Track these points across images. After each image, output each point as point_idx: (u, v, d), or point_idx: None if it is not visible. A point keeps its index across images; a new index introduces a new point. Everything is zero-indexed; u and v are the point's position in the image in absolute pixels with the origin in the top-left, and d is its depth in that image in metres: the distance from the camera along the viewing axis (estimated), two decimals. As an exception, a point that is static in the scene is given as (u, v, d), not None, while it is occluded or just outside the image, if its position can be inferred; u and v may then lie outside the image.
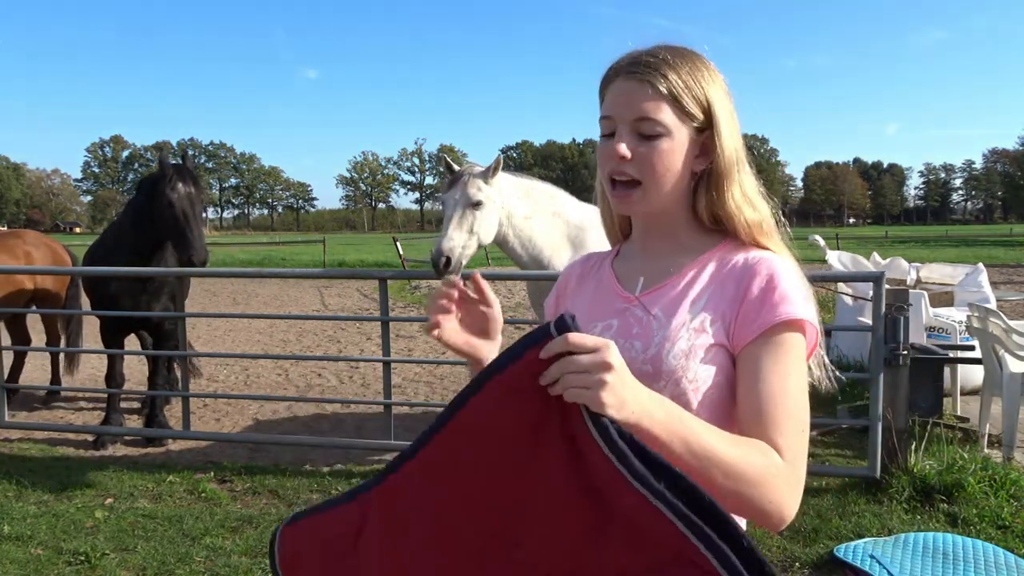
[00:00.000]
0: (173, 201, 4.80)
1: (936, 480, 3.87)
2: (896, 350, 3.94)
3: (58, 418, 6.00)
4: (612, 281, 1.21)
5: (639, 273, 1.18)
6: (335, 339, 10.00)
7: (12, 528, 3.66)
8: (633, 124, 1.08)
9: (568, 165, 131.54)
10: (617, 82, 1.10)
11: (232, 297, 16.08)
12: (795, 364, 1.03)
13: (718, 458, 0.89)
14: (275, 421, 5.91)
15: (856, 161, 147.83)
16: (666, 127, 1.08)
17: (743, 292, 1.07)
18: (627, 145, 1.08)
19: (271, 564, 1.06)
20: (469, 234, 3.99)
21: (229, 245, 41.48)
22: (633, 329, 1.11)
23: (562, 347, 0.84)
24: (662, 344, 1.07)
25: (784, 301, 1.04)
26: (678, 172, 1.11)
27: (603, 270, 1.25)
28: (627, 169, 1.09)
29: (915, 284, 7.38)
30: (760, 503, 0.92)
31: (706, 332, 1.06)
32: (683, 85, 1.08)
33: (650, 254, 1.18)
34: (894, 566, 3.14)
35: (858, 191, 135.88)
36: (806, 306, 1.05)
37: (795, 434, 0.98)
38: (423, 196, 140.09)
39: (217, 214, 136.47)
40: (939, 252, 29.04)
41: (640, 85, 1.08)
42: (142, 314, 5.19)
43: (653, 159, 1.08)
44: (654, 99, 1.07)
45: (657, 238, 1.18)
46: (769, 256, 1.11)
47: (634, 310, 1.14)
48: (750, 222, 1.13)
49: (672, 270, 1.14)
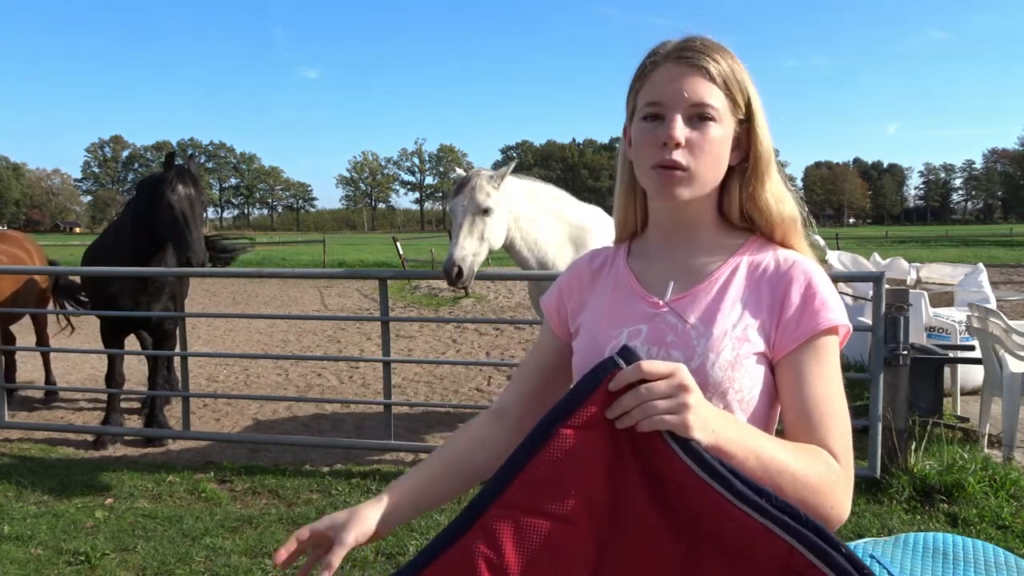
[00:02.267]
0: (173, 203, 4.79)
1: (936, 480, 3.87)
2: (896, 350, 3.94)
3: (58, 418, 6.00)
4: (633, 282, 1.16)
5: (665, 275, 1.13)
6: (335, 339, 10.00)
7: (12, 528, 3.66)
8: (689, 109, 1.04)
9: (568, 165, 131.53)
10: (666, 67, 1.06)
11: (232, 297, 16.08)
12: (835, 367, 1.04)
13: (787, 469, 0.91)
14: (275, 421, 5.91)
15: (856, 161, 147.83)
16: (719, 113, 1.05)
17: (781, 298, 1.05)
18: (683, 132, 1.04)
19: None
20: (480, 241, 3.95)
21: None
22: (667, 337, 1.07)
23: (635, 376, 0.83)
24: (706, 355, 1.03)
25: (825, 308, 1.04)
26: (724, 161, 1.09)
27: (617, 269, 1.20)
28: (677, 156, 1.04)
29: (915, 284, 7.39)
30: (823, 509, 0.94)
31: (749, 341, 1.04)
32: (731, 74, 1.07)
33: (672, 252, 1.14)
34: (894, 566, 3.14)
35: (858, 191, 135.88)
36: (842, 309, 1.06)
37: (844, 436, 1.00)
38: (423, 196, 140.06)
39: (217, 214, 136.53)
40: (939, 252, 29.04)
41: (695, 70, 1.05)
42: (142, 314, 5.19)
43: (705, 145, 1.04)
44: (709, 87, 1.05)
45: (680, 234, 1.14)
46: (800, 259, 1.09)
47: (666, 316, 1.09)
48: (785, 218, 1.11)
49: (702, 272, 1.11)
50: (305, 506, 4.01)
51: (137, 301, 5.18)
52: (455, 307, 13.62)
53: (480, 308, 13.41)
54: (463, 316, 12.64)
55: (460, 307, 13.55)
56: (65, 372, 7.62)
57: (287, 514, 3.89)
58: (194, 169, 5.07)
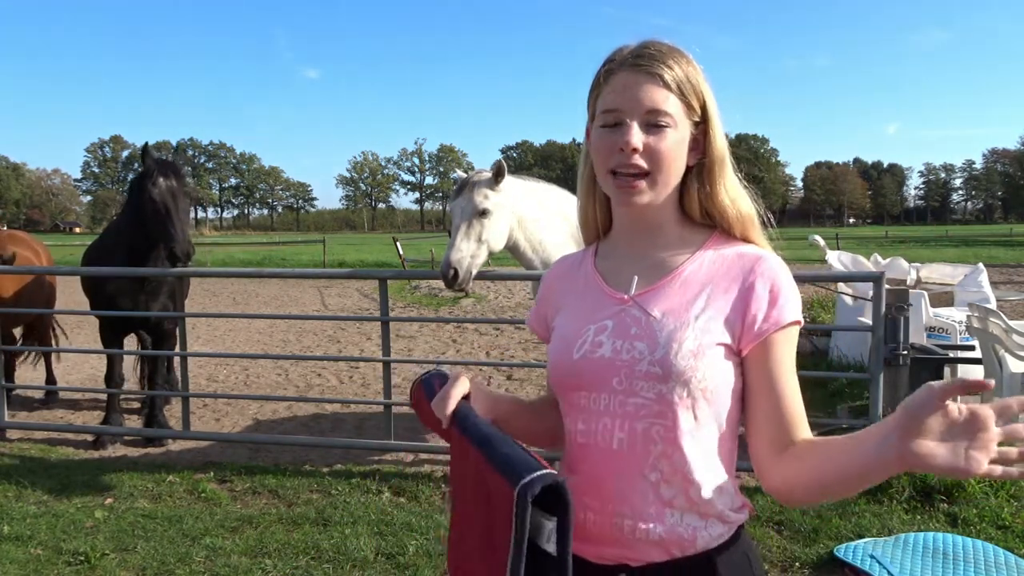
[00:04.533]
0: (154, 195, 4.79)
1: (936, 480, 3.87)
2: (896, 350, 3.94)
3: (58, 418, 6.00)
4: (599, 281, 1.20)
5: (630, 272, 1.17)
6: (335, 339, 10.00)
7: (12, 528, 3.66)
8: (644, 116, 1.08)
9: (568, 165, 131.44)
10: (621, 75, 1.10)
11: (232, 297, 16.08)
12: (793, 361, 1.10)
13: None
14: (275, 421, 5.91)
15: (856, 161, 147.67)
16: (674, 119, 1.09)
17: (747, 294, 1.09)
18: (640, 138, 1.08)
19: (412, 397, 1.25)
20: (478, 243, 3.94)
21: (229, 245, 41.46)
22: (631, 330, 1.11)
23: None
24: (669, 345, 1.07)
25: (788, 304, 1.09)
26: (680, 164, 1.12)
27: (584, 270, 1.24)
28: (637, 161, 1.08)
29: (915, 284, 7.38)
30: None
31: (711, 332, 1.08)
32: (686, 79, 1.10)
33: (637, 251, 1.18)
34: (894, 566, 3.14)
35: (858, 191, 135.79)
36: (799, 304, 1.12)
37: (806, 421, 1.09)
38: (423, 196, 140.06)
39: (217, 214, 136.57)
40: (939, 252, 29.04)
41: (650, 77, 1.08)
42: (141, 314, 5.19)
43: (663, 150, 1.08)
44: (664, 91, 1.08)
45: (644, 234, 1.18)
46: (764, 254, 1.13)
47: (631, 310, 1.13)
48: (743, 215, 1.16)
49: (665, 267, 1.15)
50: (305, 506, 4.01)
51: (135, 301, 5.18)
52: (455, 307, 13.62)
53: (480, 308, 13.42)
54: (463, 316, 12.64)
55: (460, 307, 13.56)
56: (65, 372, 7.62)
57: (287, 514, 3.89)
58: (177, 161, 5.06)
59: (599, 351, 1.11)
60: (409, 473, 4.51)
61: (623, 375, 1.08)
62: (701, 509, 1.08)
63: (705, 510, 1.08)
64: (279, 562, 3.34)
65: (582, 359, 1.12)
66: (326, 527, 3.72)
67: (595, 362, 1.11)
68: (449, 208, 4.15)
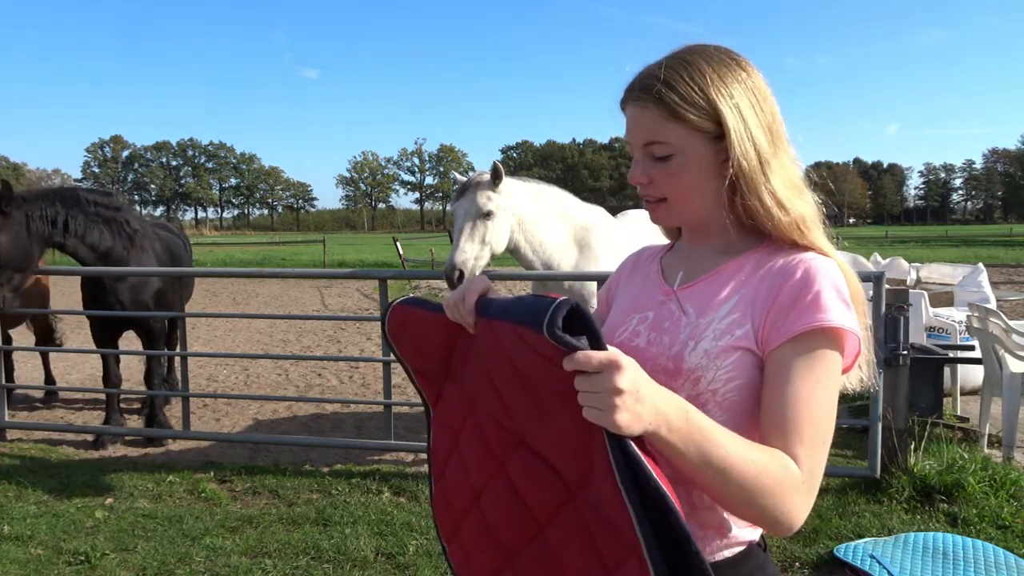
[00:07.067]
0: None
1: (936, 480, 3.87)
2: (896, 350, 3.94)
3: (58, 418, 6.00)
4: (657, 275, 1.22)
5: (680, 268, 1.19)
6: (335, 339, 10.01)
7: (12, 528, 3.66)
8: (643, 150, 1.10)
9: (568, 165, 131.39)
10: (627, 108, 1.12)
11: (232, 297, 16.08)
12: (826, 374, 0.98)
13: (736, 470, 0.88)
14: (275, 421, 5.91)
15: (856, 161, 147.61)
16: (674, 147, 1.07)
17: (776, 293, 1.03)
18: (643, 170, 1.11)
19: (382, 329, 1.19)
20: (481, 245, 3.94)
21: (229, 245, 41.48)
22: (665, 323, 1.12)
23: (571, 366, 0.83)
24: (686, 342, 1.06)
25: (818, 306, 0.98)
26: (700, 185, 1.09)
27: (653, 264, 1.26)
28: (649, 192, 1.12)
29: (915, 284, 7.40)
30: (772, 513, 0.91)
31: (731, 334, 1.03)
32: (684, 101, 1.05)
33: (694, 252, 1.19)
34: (894, 566, 3.14)
35: (858, 191, 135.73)
36: (844, 313, 0.99)
37: (816, 445, 0.96)
38: (423, 196, 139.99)
39: (217, 214, 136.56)
40: (939, 252, 29.04)
41: (642, 110, 1.08)
42: (138, 314, 5.17)
43: (669, 180, 1.09)
44: (657, 122, 1.07)
45: (700, 238, 1.18)
46: (809, 257, 1.05)
47: (670, 304, 1.13)
48: (782, 225, 1.08)
49: (709, 266, 1.14)
50: (305, 506, 4.01)
51: (119, 301, 5.10)
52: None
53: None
54: (463, 316, 12.62)
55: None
56: (65, 372, 7.62)
57: (287, 514, 3.89)
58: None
59: (636, 340, 1.13)
60: (409, 473, 4.51)
61: (648, 367, 1.01)
62: (700, 517, 1.04)
63: (704, 519, 1.04)
64: (279, 562, 3.34)
65: (619, 345, 1.13)
66: (326, 527, 3.72)
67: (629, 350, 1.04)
68: (452, 210, 4.15)
